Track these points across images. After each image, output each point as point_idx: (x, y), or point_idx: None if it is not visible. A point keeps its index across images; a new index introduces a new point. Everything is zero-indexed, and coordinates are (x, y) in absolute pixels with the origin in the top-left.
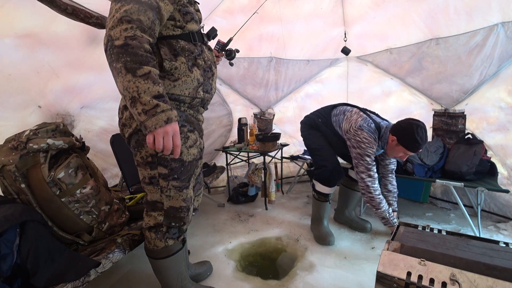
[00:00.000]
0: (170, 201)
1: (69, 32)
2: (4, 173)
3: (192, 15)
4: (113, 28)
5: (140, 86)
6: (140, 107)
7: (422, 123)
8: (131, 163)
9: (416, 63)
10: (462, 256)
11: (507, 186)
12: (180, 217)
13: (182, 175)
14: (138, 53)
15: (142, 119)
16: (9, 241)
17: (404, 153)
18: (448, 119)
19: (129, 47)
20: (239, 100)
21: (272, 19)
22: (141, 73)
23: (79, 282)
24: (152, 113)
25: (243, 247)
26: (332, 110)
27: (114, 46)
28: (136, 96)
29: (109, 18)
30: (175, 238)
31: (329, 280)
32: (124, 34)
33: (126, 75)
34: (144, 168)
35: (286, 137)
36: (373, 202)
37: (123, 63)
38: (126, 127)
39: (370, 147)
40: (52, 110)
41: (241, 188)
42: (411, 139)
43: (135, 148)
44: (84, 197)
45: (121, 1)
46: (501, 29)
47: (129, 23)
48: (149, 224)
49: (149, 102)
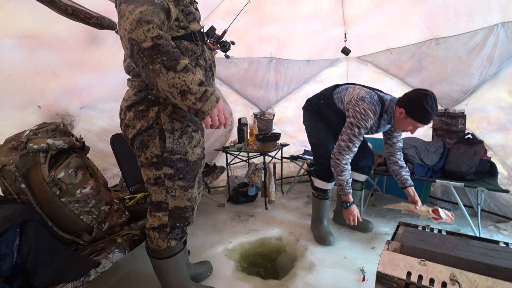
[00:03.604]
0: (175, 201)
1: (69, 33)
2: (4, 173)
3: (194, 15)
4: (133, 30)
5: (186, 79)
6: (192, 98)
7: (431, 92)
8: (131, 163)
9: (416, 63)
10: (462, 256)
11: (507, 186)
12: (185, 217)
13: (188, 175)
14: (170, 51)
15: (198, 106)
16: (9, 241)
17: (413, 126)
18: (448, 119)
19: (160, 46)
20: (239, 100)
21: (272, 19)
22: (180, 67)
23: (79, 282)
24: (205, 98)
25: (243, 247)
26: (334, 89)
27: (143, 49)
28: (186, 89)
29: (123, 20)
30: (178, 239)
31: (329, 280)
32: (149, 35)
33: (168, 73)
34: (149, 169)
35: (286, 137)
36: (337, 168)
37: (160, 63)
38: (129, 128)
39: (364, 119)
40: (52, 110)
41: (241, 188)
42: (420, 109)
43: (140, 149)
44: (84, 197)
45: (134, 2)
46: (501, 29)
47: (149, 23)
48: (153, 225)
49: (199, 90)
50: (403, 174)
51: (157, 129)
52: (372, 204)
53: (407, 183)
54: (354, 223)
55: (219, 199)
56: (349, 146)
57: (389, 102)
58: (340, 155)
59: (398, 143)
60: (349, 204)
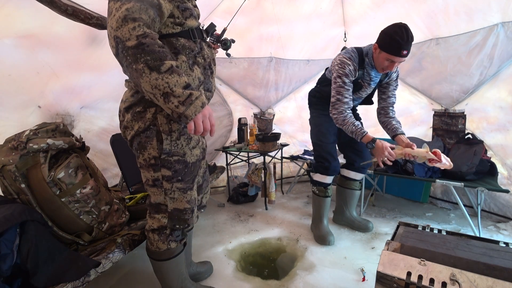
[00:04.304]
0: (174, 203)
1: (69, 33)
2: (4, 173)
3: (191, 10)
4: (119, 28)
5: (170, 81)
6: (175, 100)
7: (404, 23)
8: (131, 163)
9: (416, 63)
10: (462, 256)
11: (507, 186)
12: (184, 219)
13: (186, 177)
14: (155, 50)
15: (181, 110)
16: (9, 241)
17: (388, 60)
18: (448, 119)
19: (145, 45)
20: (239, 100)
21: (272, 19)
22: (165, 68)
23: (79, 282)
24: (189, 102)
25: (243, 247)
26: (326, 69)
27: (127, 48)
28: (169, 91)
29: (110, 18)
30: (177, 241)
31: (329, 280)
32: (134, 33)
33: (151, 74)
34: (147, 170)
35: (286, 137)
36: (338, 121)
37: (144, 63)
38: (128, 129)
39: (341, 67)
40: (52, 110)
41: (241, 188)
42: (390, 40)
43: (138, 150)
44: (84, 197)
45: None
46: (501, 29)
47: (135, 21)
48: (153, 226)
49: (183, 93)
50: (394, 123)
51: (154, 130)
52: (372, 204)
53: (398, 131)
54: (391, 158)
55: (219, 199)
56: (339, 99)
57: (368, 46)
58: (335, 110)
59: (391, 98)
60: (373, 142)
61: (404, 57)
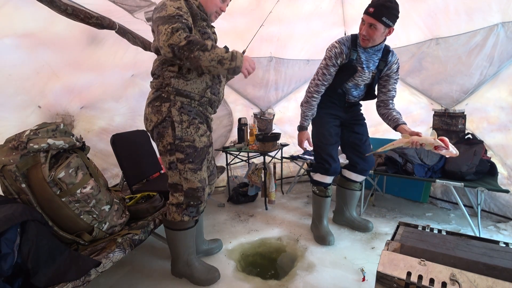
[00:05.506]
0: (188, 183)
1: (69, 33)
2: (5, 173)
3: (209, 34)
4: (169, 38)
5: (218, 52)
6: (227, 61)
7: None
8: (131, 163)
9: (416, 63)
10: (462, 256)
11: (507, 186)
12: (197, 196)
13: (196, 159)
14: (198, 40)
15: (233, 65)
16: (10, 241)
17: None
18: (448, 119)
19: (192, 41)
20: (239, 100)
21: (272, 19)
22: (210, 47)
23: (79, 281)
24: (234, 57)
25: (243, 247)
26: None
27: (181, 47)
28: (221, 58)
29: (161, 36)
30: (191, 216)
31: (329, 280)
32: (182, 37)
33: (205, 53)
34: (165, 155)
35: (286, 137)
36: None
37: (197, 50)
38: (147, 121)
39: (329, 49)
40: (52, 110)
41: (241, 188)
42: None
43: (157, 139)
44: (84, 197)
45: (168, 23)
46: (501, 29)
47: (178, 30)
48: (172, 202)
49: (228, 55)
50: (394, 114)
51: (169, 121)
52: (372, 204)
53: (400, 121)
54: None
55: (219, 199)
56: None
57: None
58: (308, 89)
59: (391, 92)
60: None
61: (371, 15)
